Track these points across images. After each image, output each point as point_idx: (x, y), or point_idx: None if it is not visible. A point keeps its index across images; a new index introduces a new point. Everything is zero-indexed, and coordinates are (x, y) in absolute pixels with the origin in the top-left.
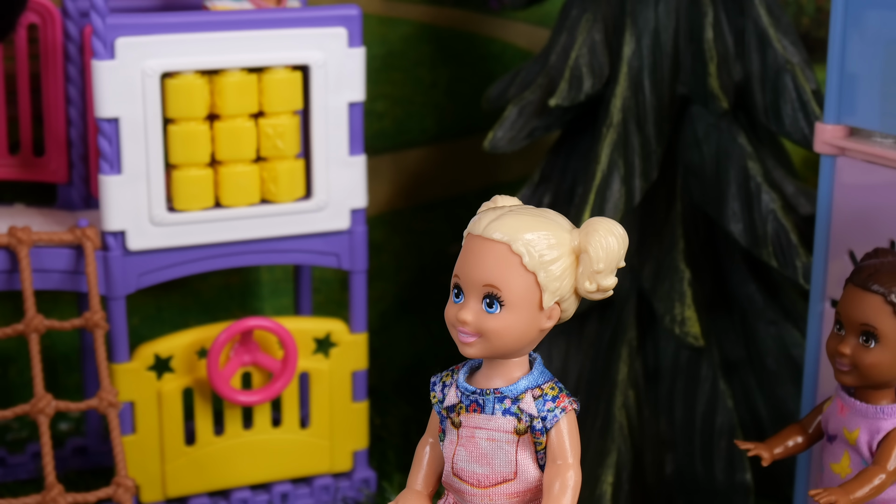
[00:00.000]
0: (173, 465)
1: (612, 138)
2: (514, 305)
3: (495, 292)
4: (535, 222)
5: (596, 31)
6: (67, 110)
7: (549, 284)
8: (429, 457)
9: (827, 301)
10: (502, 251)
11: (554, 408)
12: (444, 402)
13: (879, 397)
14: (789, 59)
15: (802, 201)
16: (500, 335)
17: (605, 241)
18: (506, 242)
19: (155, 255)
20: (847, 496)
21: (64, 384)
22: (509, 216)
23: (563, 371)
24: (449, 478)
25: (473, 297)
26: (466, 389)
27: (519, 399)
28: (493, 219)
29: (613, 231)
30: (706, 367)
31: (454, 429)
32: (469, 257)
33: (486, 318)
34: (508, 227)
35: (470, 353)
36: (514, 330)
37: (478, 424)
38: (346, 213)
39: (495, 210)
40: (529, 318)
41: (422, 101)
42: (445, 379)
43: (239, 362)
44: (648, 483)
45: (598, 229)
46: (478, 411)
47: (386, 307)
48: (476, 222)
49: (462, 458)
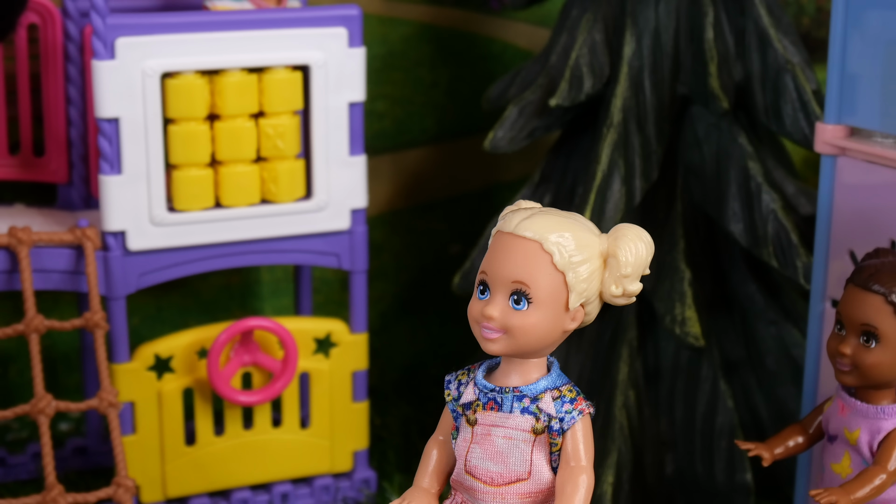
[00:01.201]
0: (173, 466)
1: (613, 138)
2: (541, 303)
3: (524, 289)
4: (565, 223)
5: (596, 31)
6: (67, 110)
7: (576, 285)
8: (437, 456)
9: (827, 301)
10: (533, 249)
11: (572, 409)
12: (459, 400)
13: (880, 397)
14: (790, 59)
15: (803, 201)
16: (525, 332)
17: (634, 246)
18: (537, 241)
19: (155, 255)
20: (848, 496)
21: (64, 384)
22: (540, 216)
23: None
24: (461, 475)
25: (501, 293)
26: (485, 387)
27: (538, 398)
28: (524, 217)
29: (642, 237)
30: (706, 368)
31: (469, 426)
32: (498, 254)
33: (512, 315)
34: (540, 226)
35: (493, 349)
36: (540, 328)
37: (494, 422)
38: (347, 213)
39: (525, 210)
40: (555, 318)
41: (422, 101)
42: (461, 377)
43: (239, 362)
44: (649, 483)
45: (627, 234)
46: (495, 409)
47: (386, 307)
48: (506, 220)
49: (476, 455)
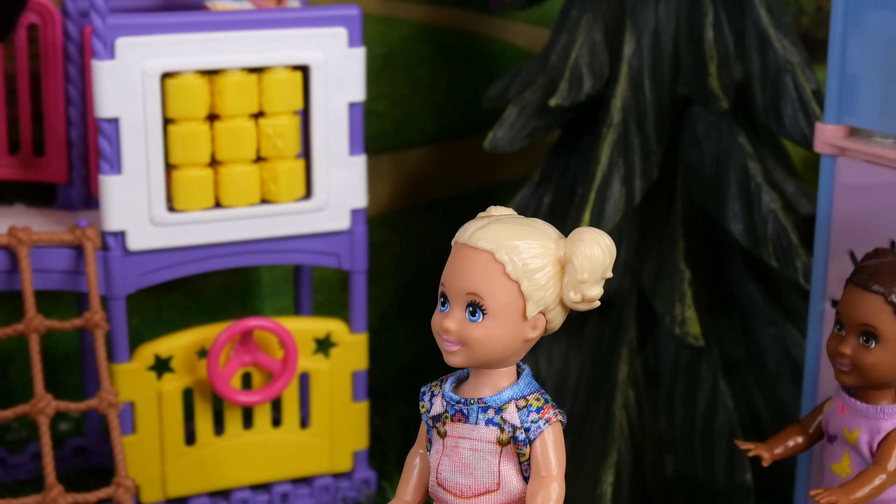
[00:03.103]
0: (173, 466)
1: (613, 138)
2: (496, 314)
3: (478, 300)
4: (520, 231)
5: (596, 31)
6: (67, 110)
7: (533, 293)
8: (418, 468)
9: (827, 301)
10: (486, 259)
11: (538, 419)
12: (430, 412)
13: (880, 397)
14: (789, 59)
15: (803, 201)
16: (481, 344)
17: (589, 250)
18: (489, 251)
19: (155, 255)
20: (847, 496)
21: (64, 384)
22: (495, 225)
23: (563, 371)
24: (434, 488)
25: (457, 305)
26: (451, 399)
27: (502, 409)
28: (478, 227)
29: (599, 241)
30: (706, 367)
31: (440, 438)
32: (454, 265)
33: (468, 327)
34: (493, 235)
35: (454, 361)
36: (497, 339)
37: (462, 434)
38: (347, 213)
39: (481, 219)
40: (512, 327)
41: (422, 101)
42: (434, 389)
43: (239, 362)
44: (649, 483)
45: (584, 239)
46: (462, 421)
47: (386, 307)
48: (462, 231)
49: (446, 468)
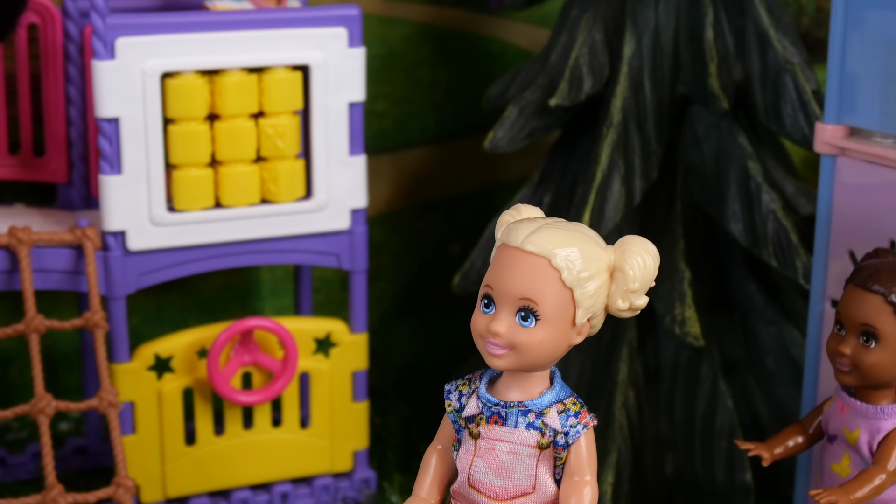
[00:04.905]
0: (173, 465)
1: (613, 138)
2: (549, 320)
3: (532, 306)
4: (572, 237)
5: (596, 31)
6: (67, 110)
7: (584, 301)
8: (436, 465)
9: (827, 301)
10: (541, 265)
11: (577, 423)
12: (461, 412)
13: (880, 397)
14: (789, 59)
15: (802, 201)
16: (533, 349)
17: (641, 260)
18: (545, 256)
19: (155, 255)
20: (847, 496)
21: (64, 384)
22: (547, 229)
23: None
24: (463, 488)
25: (507, 309)
26: (489, 401)
27: (543, 413)
28: (531, 231)
29: (649, 250)
30: (706, 367)
31: (472, 439)
32: (504, 269)
33: (519, 332)
34: (547, 240)
35: (499, 364)
36: (547, 345)
37: (499, 437)
38: (347, 213)
39: (531, 222)
40: (562, 334)
41: (422, 101)
42: (462, 388)
43: (239, 362)
44: (648, 483)
45: (634, 248)
46: (499, 423)
47: (386, 307)
48: (512, 234)
49: (480, 469)
